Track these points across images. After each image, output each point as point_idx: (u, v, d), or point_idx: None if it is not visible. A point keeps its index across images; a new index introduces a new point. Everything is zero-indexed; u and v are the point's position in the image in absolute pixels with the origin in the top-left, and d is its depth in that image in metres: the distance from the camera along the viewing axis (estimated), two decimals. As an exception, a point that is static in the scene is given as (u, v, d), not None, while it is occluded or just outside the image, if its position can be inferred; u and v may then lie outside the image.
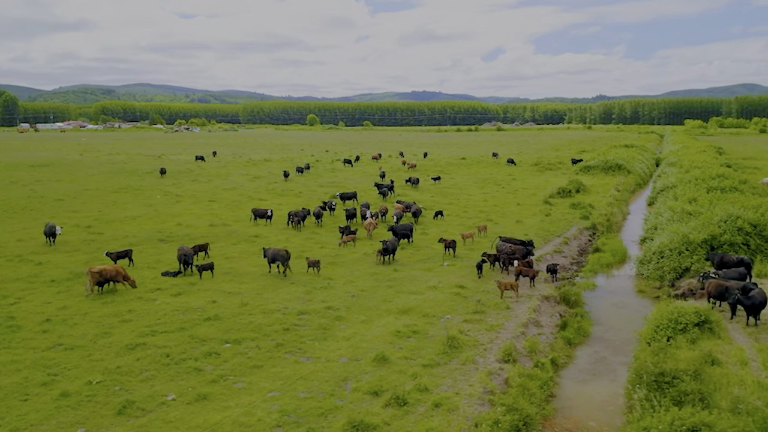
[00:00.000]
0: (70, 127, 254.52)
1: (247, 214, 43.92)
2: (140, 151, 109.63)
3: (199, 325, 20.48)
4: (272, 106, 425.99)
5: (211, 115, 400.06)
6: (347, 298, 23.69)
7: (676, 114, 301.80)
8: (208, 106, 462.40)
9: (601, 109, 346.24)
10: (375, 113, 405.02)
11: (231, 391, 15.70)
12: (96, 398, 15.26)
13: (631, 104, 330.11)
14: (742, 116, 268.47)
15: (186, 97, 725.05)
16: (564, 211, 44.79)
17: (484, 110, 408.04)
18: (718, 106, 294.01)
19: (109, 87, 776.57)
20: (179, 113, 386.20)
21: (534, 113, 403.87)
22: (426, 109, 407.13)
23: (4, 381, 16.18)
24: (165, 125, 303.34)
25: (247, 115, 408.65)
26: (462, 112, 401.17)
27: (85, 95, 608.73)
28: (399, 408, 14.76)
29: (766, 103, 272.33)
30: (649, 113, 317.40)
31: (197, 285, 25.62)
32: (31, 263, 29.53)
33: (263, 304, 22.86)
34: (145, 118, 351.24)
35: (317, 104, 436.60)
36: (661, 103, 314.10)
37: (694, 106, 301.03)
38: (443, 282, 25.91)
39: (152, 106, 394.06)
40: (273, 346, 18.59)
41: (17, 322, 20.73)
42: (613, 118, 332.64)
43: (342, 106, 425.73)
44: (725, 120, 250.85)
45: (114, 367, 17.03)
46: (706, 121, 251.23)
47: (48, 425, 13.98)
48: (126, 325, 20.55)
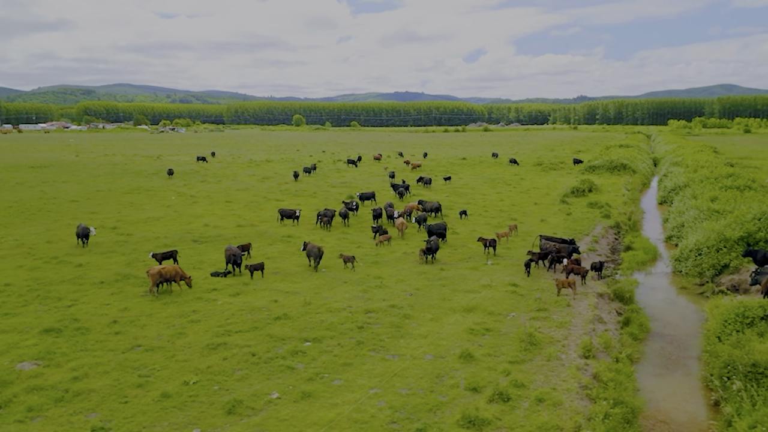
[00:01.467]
0: (54, 128, 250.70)
1: (269, 214, 43.87)
2: (136, 152, 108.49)
3: (270, 325, 20.48)
4: (256, 106, 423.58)
5: (195, 116, 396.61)
6: (406, 297, 23.84)
7: (659, 114, 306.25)
8: (191, 107, 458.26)
9: (585, 110, 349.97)
10: (360, 114, 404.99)
11: (331, 388, 15.78)
12: (199, 398, 15.24)
13: (614, 105, 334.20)
14: (725, 116, 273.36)
15: (167, 97, 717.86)
16: (583, 210, 45.35)
17: (469, 111, 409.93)
18: (700, 106, 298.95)
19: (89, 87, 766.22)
20: (162, 114, 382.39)
21: (518, 114, 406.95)
22: (411, 110, 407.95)
23: (96, 384, 16.07)
24: (149, 126, 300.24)
25: (231, 116, 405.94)
26: (447, 113, 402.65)
27: (64, 96, 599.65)
28: (504, 403, 14.97)
29: (747, 103, 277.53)
30: (633, 114, 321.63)
31: (251, 285, 25.58)
32: (70, 265, 29.22)
33: (326, 303, 22.91)
34: (129, 119, 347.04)
35: (302, 104, 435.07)
36: (645, 104, 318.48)
37: (677, 106, 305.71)
38: (495, 281, 26.17)
39: (135, 106, 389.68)
40: (354, 344, 18.68)
41: (83, 324, 20.54)
42: (596, 118, 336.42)
43: (327, 106, 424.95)
44: (708, 120, 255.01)
45: (204, 367, 17.00)
46: (689, 122, 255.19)
47: (161, 426, 13.94)
48: (197, 326, 20.48)
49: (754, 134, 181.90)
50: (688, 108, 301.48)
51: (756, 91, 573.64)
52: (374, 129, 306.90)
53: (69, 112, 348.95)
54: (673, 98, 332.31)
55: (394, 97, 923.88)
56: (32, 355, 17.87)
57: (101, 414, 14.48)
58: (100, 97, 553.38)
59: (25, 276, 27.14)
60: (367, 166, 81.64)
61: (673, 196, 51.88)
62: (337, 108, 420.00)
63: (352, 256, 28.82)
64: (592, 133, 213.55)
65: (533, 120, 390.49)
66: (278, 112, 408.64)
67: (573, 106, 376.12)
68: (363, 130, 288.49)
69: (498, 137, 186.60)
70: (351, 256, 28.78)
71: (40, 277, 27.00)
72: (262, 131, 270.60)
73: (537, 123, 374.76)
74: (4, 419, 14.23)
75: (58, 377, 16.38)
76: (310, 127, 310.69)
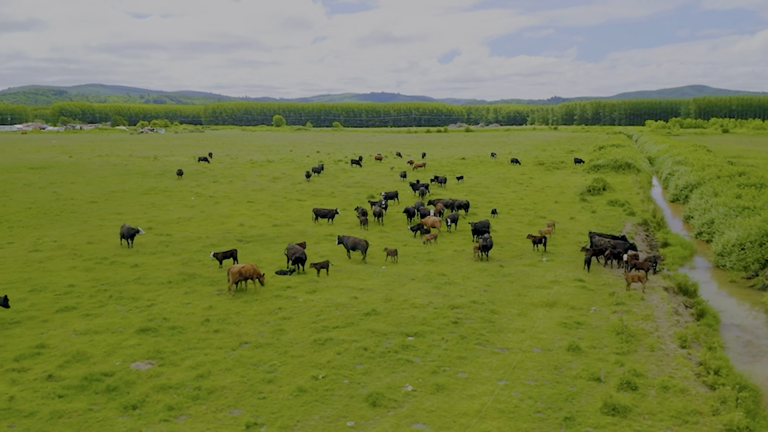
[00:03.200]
0: (30, 128, 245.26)
1: (298, 214, 43.96)
2: (128, 153, 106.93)
3: (363, 320, 20.69)
4: (234, 107, 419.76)
5: (172, 116, 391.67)
6: (480, 293, 24.24)
7: (636, 115, 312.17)
8: (168, 107, 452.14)
9: (563, 111, 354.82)
10: (339, 114, 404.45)
11: (459, 381, 16.10)
12: (336, 392, 15.43)
13: (592, 105, 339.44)
14: (700, 117, 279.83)
15: (141, 97, 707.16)
16: (606, 208, 46.29)
17: (448, 112, 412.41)
18: (676, 107, 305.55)
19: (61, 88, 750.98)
20: (138, 114, 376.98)
21: (497, 115, 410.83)
22: (391, 111, 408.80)
23: (223, 381, 16.14)
24: (127, 126, 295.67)
25: (209, 116, 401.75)
26: (426, 114, 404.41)
27: (36, 96, 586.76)
28: (632, 392, 15.46)
29: (723, 104, 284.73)
30: (610, 114, 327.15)
31: (321, 282, 25.71)
32: (124, 265, 28.99)
33: (406, 299, 23.18)
34: (105, 120, 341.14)
35: (280, 105, 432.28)
36: (622, 105, 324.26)
37: (654, 107, 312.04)
38: (559, 276, 26.74)
39: (111, 107, 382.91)
40: (458, 339, 19.02)
41: (175, 323, 20.51)
42: (574, 119, 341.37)
43: (306, 107, 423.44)
44: (684, 120, 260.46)
45: (324, 362, 17.17)
46: (666, 122, 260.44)
47: (312, 420, 14.11)
48: (291, 322, 20.59)
49: (732, 134, 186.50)
50: (664, 109, 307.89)
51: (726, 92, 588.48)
52: (356, 130, 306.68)
53: (43, 113, 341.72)
54: (650, 99, 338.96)
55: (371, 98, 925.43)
56: (141, 354, 17.82)
57: (245, 410, 14.59)
58: (72, 98, 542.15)
59: (85, 277, 26.88)
60: (371, 166, 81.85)
61: (685, 193, 53.17)
62: (316, 108, 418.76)
63: (395, 250, 30.14)
64: (573, 133, 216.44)
65: (511, 120, 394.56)
66: (256, 113, 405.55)
67: (551, 107, 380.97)
68: (346, 130, 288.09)
69: (482, 137, 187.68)
70: (394, 250, 30.12)
71: (101, 277, 26.77)
72: (242, 132, 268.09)
73: (516, 123, 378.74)
74: (148, 419, 14.24)
75: (181, 376, 16.40)
76: (291, 128, 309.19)
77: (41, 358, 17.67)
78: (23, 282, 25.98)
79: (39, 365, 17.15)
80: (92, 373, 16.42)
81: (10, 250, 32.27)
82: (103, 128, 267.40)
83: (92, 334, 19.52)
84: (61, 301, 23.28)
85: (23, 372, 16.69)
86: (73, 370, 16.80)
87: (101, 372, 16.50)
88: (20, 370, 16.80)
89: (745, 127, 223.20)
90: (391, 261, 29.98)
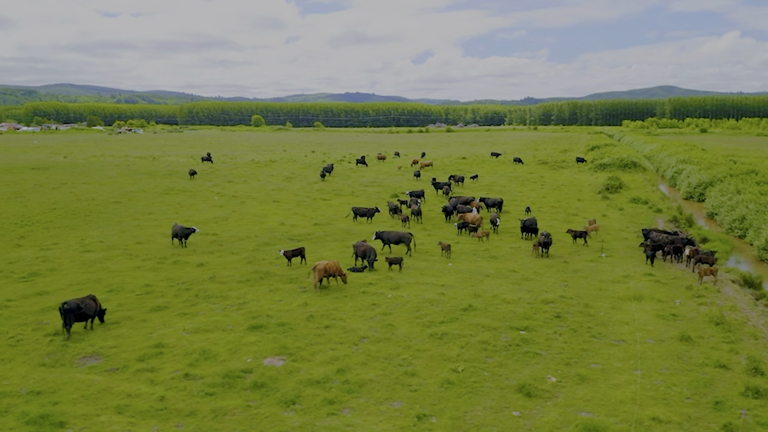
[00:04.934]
0: (5, 129, 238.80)
1: (332, 212, 44.05)
2: (123, 153, 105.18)
3: (466, 315, 21.00)
4: (210, 106, 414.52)
5: (148, 116, 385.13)
6: (562, 288, 24.77)
7: (612, 115, 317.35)
8: (143, 107, 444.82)
9: (541, 111, 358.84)
10: (318, 114, 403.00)
11: (596, 371, 16.55)
12: (484, 384, 15.73)
13: (569, 106, 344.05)
14: (675, 117, 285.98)
15: (112, 97, 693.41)
16: (631, 206, 47.34)
17: (426, 112, 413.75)
18: (652, 107, 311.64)
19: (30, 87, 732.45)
20: (114, 114, 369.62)
21: (475, 115, 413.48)
22: (370, 111, 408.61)
23: (366, 374, 16.30)
24: (104, 127, 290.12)
25: (184, 116, 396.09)
26: (405, 114, 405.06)
27: (4, 96, 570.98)
28: (761, 376, 16.09)
29: (697, 104, 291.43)
30: (587, 114, 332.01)
31: (398, 279, 25.89)
32: (189, 265, 28.82)
33: (494, 294, 23.55)
34: (80, 120, 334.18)
35: (257, 105, 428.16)
36: (598, 105, 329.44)
37: (630, 107, 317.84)
38: (629, 271, 27.44)
39: (86, 106, 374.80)
40: (570, 332, 19.48)
41: (280, 320, 20.53)
42: (552, 119, 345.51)
43: (284, 106, 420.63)
44: (660, 121, 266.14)
45: (454, 356, 17.46)
46: (642, 122, 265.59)
47: (477, 410, 14.41)
48: (393, 318, 20.79)
49: (710, 134, 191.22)
50: (640, 109, 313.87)
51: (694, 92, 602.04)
52: (338, 130, 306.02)
53: (15, 113, 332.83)
54: (626, 99, 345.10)
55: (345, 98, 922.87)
56: (268, 351, 17.87)
57: (404, 402, 14.81)
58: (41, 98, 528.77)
59: (155, 276, 26.68)
60: (376, 166, 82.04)
61: (699, 191, 54.60)
62: (294, 108, 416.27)
63: (448, 245, 30.96)
64: (553, 133, 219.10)
65: (489, 121, 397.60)
66: (234, 113, 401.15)
67: (528, 108, 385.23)
68: (328, 130, 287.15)
69: (467, 137, 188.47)
70: (448, 245, 30.95)
71: (172, 277, 26.59)
72: (222, 132, 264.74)
73: (494, 124, 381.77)
74: (313, 413, 14.35)
75: (321, 370, 16.51)
76: (271, 128, 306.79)
77: (165, 357, 17.59)
78: (95, 282, 25.67)
79: (167, 364, 17.08)
80: (230, 370, 16.43)
81: (59, 251, 31.75)
82: (80, 128, 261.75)
83: (204, 333, 19.47)
84: (146, 300, 23.10)
85: (155, 372, 16.61)
86: (205, 368, 16.78)
87: (239, 369, 16.52)
88: (151, 370, 16.72)
89: (721, 127, 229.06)
90: (445, 256, 30.33)
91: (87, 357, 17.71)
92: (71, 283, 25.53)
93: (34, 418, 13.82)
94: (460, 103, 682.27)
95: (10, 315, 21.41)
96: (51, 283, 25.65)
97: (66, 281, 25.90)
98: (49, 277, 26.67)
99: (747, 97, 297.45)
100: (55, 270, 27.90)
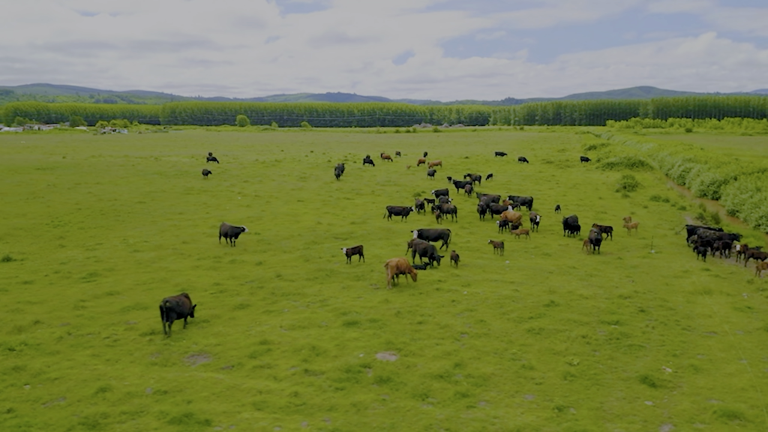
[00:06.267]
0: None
1: (362, 211, 44.19)
2: (125, 153, 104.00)
3: (551, 311, 21.29)
4: (194, 106, 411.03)
5: (130, 116, 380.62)
6: (630, 283, 25.24)
7: (596, 115, 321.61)
8: (124, 107, 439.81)
9: (525, 111, 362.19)
10: (303, 114, 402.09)
11: (704, 361, 16.99)
12: (604, 376, 16.05)
13: (552, 106, 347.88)
14: (658, 117, 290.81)
15: (91, 97, 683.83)
16: (654, 204, 48.24)
17: (411, 112, 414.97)
18: (635, 107, 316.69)
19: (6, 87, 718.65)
20: (95, 114, 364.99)
21: (459, 115, 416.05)
22: (355, 111, 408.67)
23: (485, 368, 16.52)
24: (87, 127, 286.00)
25: (167, 116, 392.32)
26: (390, 114, 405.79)
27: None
28: None
29: (680, 104, 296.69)
30: (571, 114, 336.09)
31: (466, 277, 26.15)
32: (248, 263, 28.77)
33: (569, 290, 23.91)
34: (62, 120, 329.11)
35: (241, 105, 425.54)
36: (582, 105, 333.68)
37: (613, 107, 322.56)
38: (686, 266, 28.04)
39: (67, 107, 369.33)
40: (661, 325, 19.92)
41: (369, 317, 20.63)
42: (536, 119, 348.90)
43: (269, 106, 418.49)
44: (643, 120, 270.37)
45: (561, 349, 17.76)
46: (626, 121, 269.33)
47: (610, 401, 14.71)
48: (480, 314, 21.01)
49: (695, 133, 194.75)
50: (623, 109, 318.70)
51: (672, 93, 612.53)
52: (326, 130, 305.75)
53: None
54: (610, 100, 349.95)
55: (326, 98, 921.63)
56: (375, 347, 17.99)
57: (535, 395, 15.06)
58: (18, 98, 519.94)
59: (219, 275, 26.60)
60: (384, 166, 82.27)
61: (713, 189, 55.65)
62: (278, 108, 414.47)
63: (501, 242, 31.06)
64: (540, 133, 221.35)
65: (474, 121, 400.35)
66: (217, 113, 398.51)
67: (512, 108, 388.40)
68: (315, 130, 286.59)
69: (456, 137, 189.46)
70: (501, 242, 31.07)
71: (238, 275, 26.56)
72: (209, 132, 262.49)
73: (478, 124, 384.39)
74: (452, 405, 14.53)
75: (438, 365, 16.69)
76: (257, 128, 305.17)
77: (274, 354, 17.63)
78: (161, 282, 25.53)
79: (280, 361, 17.13)
80: (349, 365, 16.54)
81: (107, 251, 31.44)
82: (63, 129, 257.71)
83: (302, 329, 19.54)
84: (223, 299, 23.05)
85: (272, 368, 16.65)
86: (320, 364, 16.87)
87: (357, 364, 16.63)
88: (268, 367, 16.75)
89: (704, 126, 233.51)
90: (498, 254, 30.66)
91: (195, 355, 17.68)
92: (137, 283, 25.37)
93: (178, 417, 13.80)
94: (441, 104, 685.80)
95: (91, 315, 21.23)
96: (115, 283, 25.44)
97: (130, 281, 25.71)
98: (110, 277, 26.45)
99: (728, 98, 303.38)
100: (113, 270, 27.66)
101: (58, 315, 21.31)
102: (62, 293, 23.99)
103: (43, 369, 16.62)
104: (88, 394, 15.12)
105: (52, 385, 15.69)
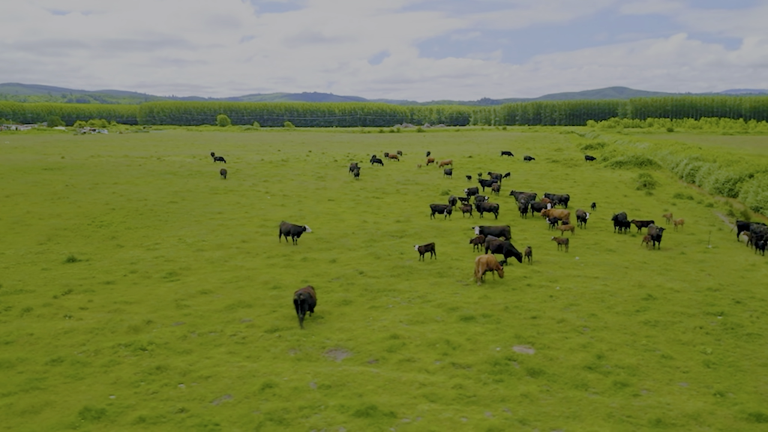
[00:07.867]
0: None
1: (400, 210, 44.45)
2: (124, 153, 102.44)
3: (653, 305, 21.86)
4: (172, 106, 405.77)
5: (107, 116, 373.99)
6: (707, 277, 26.05)
7: (576, 115, 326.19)
8: (101, 107, 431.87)
9: (505, 111, 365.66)
10: (284, 114, 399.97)
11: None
12: (742, 363, 16.69)
13: (533, 106, 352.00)
14: (636, 117, 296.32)
15: (63, 97, 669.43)
16: (680, 201, 49.45)
17: (392, 112, 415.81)
18: (614, 107, 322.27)
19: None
20: (72, 114, 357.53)
21: (440, 115, 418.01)
22: (336, 111, 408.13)
23: (627, 360, 17.03)
24: (66, 127, 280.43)
25: (144, 116, 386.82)
26: (371, 114, 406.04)
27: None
28: None
29: (658, 104, 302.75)
30: (551, 114, 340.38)
31: (548, 273, 26.61)
32: (321, 261, 28.91)
33: (656, 284, 24.56)
34: (38, 120, 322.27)
35: (221, 104, 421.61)
36: (563, 105, 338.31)
37: (593, 108, 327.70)
38: (749, 260, 28.98)
39: (44, 106, 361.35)
40: (764, 314, 20.69)
41: (478, 312, 21.03)
42: (516, 119, 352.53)
43: (249, 106, 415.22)
44: (623, 120, 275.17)
45: (686, 340, 18.38)
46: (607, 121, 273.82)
47: (763, 384, 15.33)
48: (583, 308, 21.50)
49: (676, 133, 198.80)
50: (602, 109, 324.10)
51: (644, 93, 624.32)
52: (309, 129, 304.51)
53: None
54: (589, 100, 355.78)
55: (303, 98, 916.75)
56: (506, 340, 18.38)
57: (687, 383, 15.62)
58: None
59: (299, 274, 26.70)
60: (394, 165, 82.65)
61: (728, 187, 57.19)
62: (258, 108, 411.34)
63: (566, 239, 31.45)
64: (523, 133, 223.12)
65: (454, 121, 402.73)
66: (196, 112, 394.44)
67: (493, 108, 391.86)
68: (300, 130, 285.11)
69: (443, 137, 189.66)
70: (566, 239, 31.46)
71: (319, 272, 26.74)
72: (189, 132, 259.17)
73: (459, 124, 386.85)
74: (618, 394, 14.99)
75: (579, 356, 17.15)
76: (240, 128, 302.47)
77: (410, 348, 17.89)
78: (247, 279, 25.52)
79: (420, 355, 17.40)
80: (494, 358, 16.91)
81: (170, 251, 31.19)
82: (41, 129, 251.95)
83: (421, 324, 19.85)
84: (321, 295, 22.97)
85: (416, 362, 16.93)
86: (462, 357, 17.20)
87: (501, 357, 17.00)
88: (411, 360, 17.05)
89: (683, 126, 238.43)
90: (563, 250, 31.25)
91: (333, 350, 17.85)
92: (224, 281, 25.35)
93: (363, 410, 13.99)
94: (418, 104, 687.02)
95: (200, 314, 21.21)
96: (201, 281, 25.37)
97: (215, 279, 25.67)
98: (191, 276, 26.37)
99: (704, 98, 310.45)
100: (190, 269, 27.56)
101: (165, 314, 21.23)
102: (152, 293, 23.88)
103: (188, 368, 16.62)
104: (253, 390, 15.20)
105: (207, 384, 15.72)
